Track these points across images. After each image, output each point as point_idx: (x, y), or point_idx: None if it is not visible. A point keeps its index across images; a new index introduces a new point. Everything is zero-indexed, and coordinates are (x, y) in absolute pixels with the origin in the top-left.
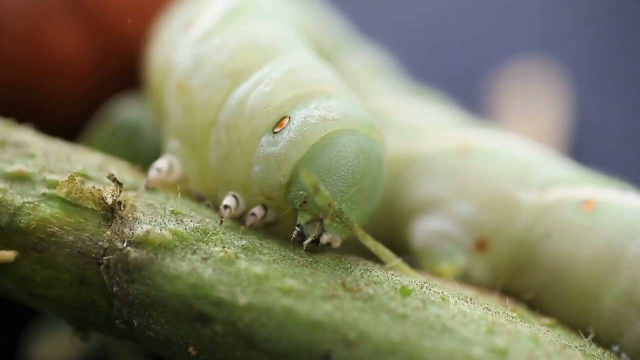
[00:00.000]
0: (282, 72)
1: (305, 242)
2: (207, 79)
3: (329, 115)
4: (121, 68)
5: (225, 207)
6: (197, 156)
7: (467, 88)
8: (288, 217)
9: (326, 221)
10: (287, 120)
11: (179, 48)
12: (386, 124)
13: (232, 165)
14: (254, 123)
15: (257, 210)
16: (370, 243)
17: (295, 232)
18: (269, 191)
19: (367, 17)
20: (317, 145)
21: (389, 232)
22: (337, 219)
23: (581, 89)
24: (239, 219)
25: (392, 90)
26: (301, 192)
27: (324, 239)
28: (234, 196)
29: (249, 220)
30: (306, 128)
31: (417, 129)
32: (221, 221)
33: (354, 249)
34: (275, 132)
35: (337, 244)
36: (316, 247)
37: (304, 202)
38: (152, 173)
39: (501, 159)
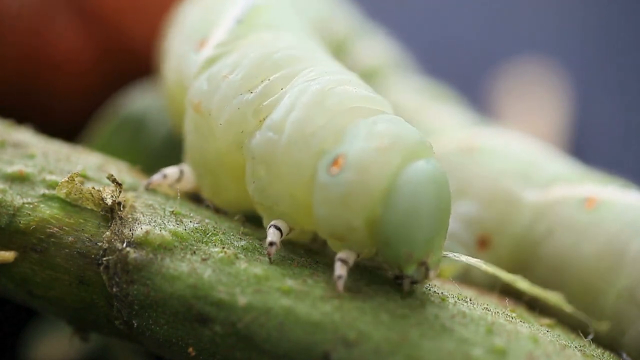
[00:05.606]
0: (313, 93)
1: (417, 288)
2: (226, 100)
3: (384, 145)
4: (123, 65)
5: (271, 244)
6: (211, 173)
7: (467, 88)
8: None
9: (429, 260)
10: (342, 159)
11: (192, 69)
12: None
13: (272, 197)
14: (295, 156)
15: (345, 258)
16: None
17: (406, 282)
18: (341, 233)
19: (366, 17)
20: (387, 189)
21: None
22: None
23: (581, 89)
24: (239, 220)
25: (408, 88)
26: (405, 250)
27: (432, 275)
28: (277, 228)
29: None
30: (366, 167)
31: (426, 131)
32: (270, 259)
33: None
34: (333, 174)
35: (437, 271)
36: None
37: (410, 255)
38: (157, 177)
39: (504, 157)
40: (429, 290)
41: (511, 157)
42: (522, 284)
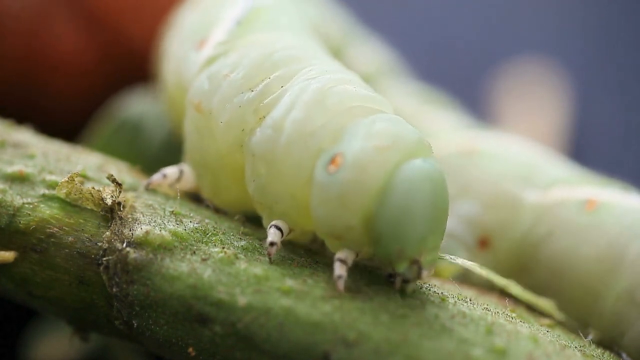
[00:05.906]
0: (314, 92)
1: (408, 287)
2: (227, 99)
3: (382, 144)
4: (123, 66)
5: (272, 244)
6: (212, 174)
7: (467, 88)
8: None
9: (422, 260)
10: (340, 158)
11: (192, 69)
12: None
13: (272, 195)
14: (295, 156)
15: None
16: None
17: (398, 280)
18: (339, 232)
19: (365, 17)
20: (383, 187)
21: None
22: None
23: (581, 89)
24: (239, 220)
25: (402, 93)
26: (396, 246)
27: (424, 274)
28: (278, 228)
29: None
30: (364, 166)
31: (425, 134)
32: (270, 260)
33: None
34: (331, 172)
35: (432, 271)
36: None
37: (401, 251)
38: (157, 177)
39: (505, 159)
40: (429, 290)
41: (511, 160)
42: (514, 289)
